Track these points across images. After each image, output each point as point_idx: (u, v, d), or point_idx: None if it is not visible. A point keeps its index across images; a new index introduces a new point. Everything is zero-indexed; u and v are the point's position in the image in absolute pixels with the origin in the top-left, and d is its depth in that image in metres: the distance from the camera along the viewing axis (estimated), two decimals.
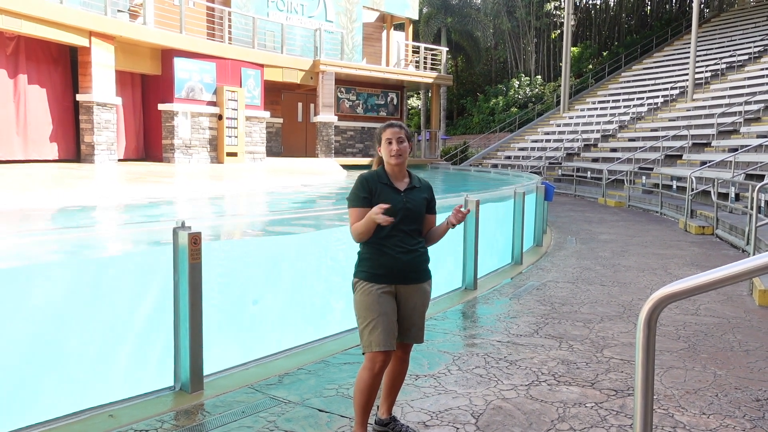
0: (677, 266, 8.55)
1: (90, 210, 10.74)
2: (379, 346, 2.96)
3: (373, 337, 2.97)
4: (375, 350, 2.97)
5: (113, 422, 3.35)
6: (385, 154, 3.11)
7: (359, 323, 3.06)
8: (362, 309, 3.03)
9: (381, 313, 2.99)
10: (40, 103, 15.58)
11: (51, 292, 3.66)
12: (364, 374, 3.02)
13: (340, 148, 25.49)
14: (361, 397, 3.05)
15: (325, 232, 5.60)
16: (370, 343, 2.98)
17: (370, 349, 2.99)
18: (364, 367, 3.02)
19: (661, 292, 1.81)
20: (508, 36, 43.82)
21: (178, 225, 3.70)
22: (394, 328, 3.02)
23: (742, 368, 4.42)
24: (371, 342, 2.98)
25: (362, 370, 3.03)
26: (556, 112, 33.48)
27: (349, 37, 25.12)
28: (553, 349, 4.81)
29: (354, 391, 3.09)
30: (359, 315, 3.05)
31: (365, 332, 3.01)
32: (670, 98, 27.31)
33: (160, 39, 17.51)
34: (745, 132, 18.96)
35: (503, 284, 7.26)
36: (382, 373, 3.03)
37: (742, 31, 32.99)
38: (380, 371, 3.01)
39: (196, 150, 18.83)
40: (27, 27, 14.10)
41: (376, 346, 2.97)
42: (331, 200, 13.54)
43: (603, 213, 15.99)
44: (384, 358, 3.00)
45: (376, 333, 2.97)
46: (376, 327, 2.97)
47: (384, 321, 2.98)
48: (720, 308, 6.16)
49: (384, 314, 2.99)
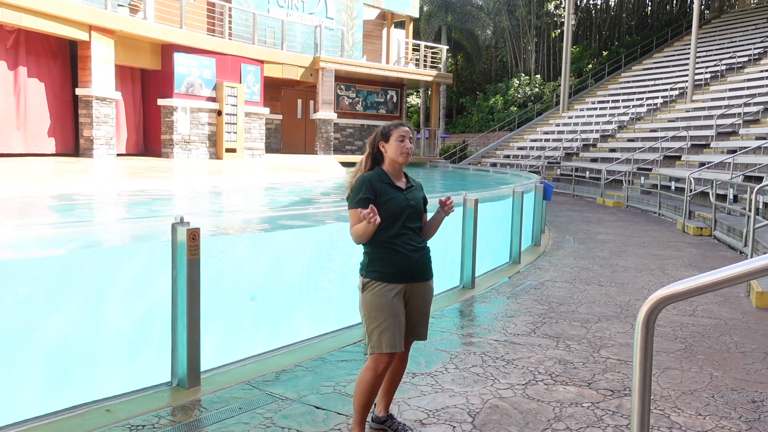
0: (675, 267, 8.56)
1: (88, 204, 10.73)
2: (388, 348, 2.96)
3: (384, 339, 2.97)
4: (384, 352, 2.97)
5: (110, 417, 3.35)
6: (394, 151, 3.10)
7: (369, 323, 3.03)
8: (373, 309, 3.01)
9: (392, 314, 2.98)
10: (39, 97, 15.56)
11: (47, 286, 3.65)
12: (367, 374, 3.01)
13: (339, 145, 25.48)
14: (363, 397, 3.05)
15: (323, 228, 5.59)
16: (380, 344, 2.97)
17: (379, 350, 2.97)
18: (368, 368, 3.02)
19: (660, 293, 1.81)
20: (509, 35, 43.80)
21: (176, 221, 3.70)
22: (402, 330, 3.03)
23: (739, 370, 4.43)
24: (381, 343, 2.97)
25: (366, 370, 3.03)
26: (555, 112, 33.48)
27: (350, 34, 25.09)
28: (550, 348, 4.81)
29: (355, 390, 3.09)
30: (369, 315, 3.02)
31: (375, 333, 2.99)
32: (669, 99, 27.32)
33: (160, 34, 17.48)
34: (744, 134, 18.98)
35: (501, 283, 7.27)
36: (385, 374, 3.04)
37: (742, 32, 33.01)
38: (384, 372, 3.02)
39: (195, 145, 18.81)
40: (27, 20, 14.07)
41: (386, 348, 2.96)
42: (329, 197, 13.53)
43: (601, 213, 16.00)
44: (389, 360, 3.00)
45: (387, 335, 2.96)
46: (387, 329, 2.97)
47: (394, 323, 2.98)
48: (717, 310, 6.17)
49: (395, 316, 2.99)
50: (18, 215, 9.11)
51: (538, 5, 42.65)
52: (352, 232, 3.04)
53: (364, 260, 3.11)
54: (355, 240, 3.07)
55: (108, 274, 3.93)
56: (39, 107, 15.57)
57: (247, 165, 18.98)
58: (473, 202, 6.67)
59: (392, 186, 3.09)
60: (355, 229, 3.02)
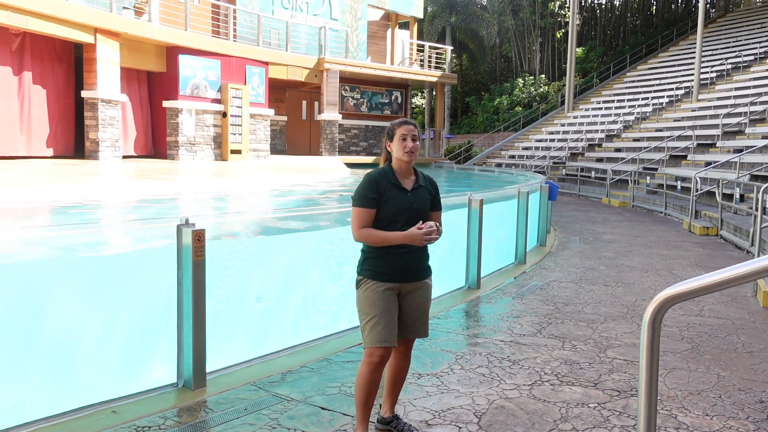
0: (681, 267, 8.52)
1: (94, 206, 10.76)
2: (380, 342, 3.01)
3: (375, 333, 3.02)
4: (375, 346, 3.01)
5: (116, 418, 3.35)
6: (398, 150, 3.09)
7: (361, 319, 3.09)
8: (365, 305, 3.06)
9: (383, 309, 3.02)
10: (43, 100, 15.60)
11: (53, 288, 3.66)
12: (362, 369, 3.06)
13: (344, 146, 25.49)
14: (361, 393, 3.07)
15: (329, 230, 5.59)
16: (371, 338, 3.03)
17: (370, 345, 3.03)
18: (363, 362, 3.07)
19: (666, 292, 1.80)
20: (513, 35, 43.76)
21: (182, 222, 3.70)
22: (394, 325, 3.06)
23: (746, 370, 4.40)
24: (372, 338, 3.02)
25: (361, 365, 3.08)
26: (560, 112, 33.42)
27: (354, 35, 25.10)
28: (556, 349, 4.80)
29: (354, 388, 3.12)
30: (362, 311, 3.09)
31: (366, 328, 3.05)
32: (675, 98, 27.23)
33: (165, 36, 17.52)
34: (750, 133, 18.90)
35: (506, 284, 7.26)
36: (381, 368, 3.05)
37: (748, 31, 32.88)
38: (379, 366, 3.03)
39: (200, 147, 18.84)
40: (32, 23, 14.12)
41: (377, 342, 3.01)
42: (335, 198, 13.54)
43: (607, 213, 15.96)
44: (383, 353, 3.03)
45: (378, 329, 3.01)
46: (378, 323, 3.01)
47: (385, 318, 3.02)
48: (724, 309, 6.15)
49: (386, 311, 3.03)
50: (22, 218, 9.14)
51: (543, 5, 42.60)
52: (362, 234, 3.04)
53: (360, 258, 3.15)
54: (360, 240, 3.07)
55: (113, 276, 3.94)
56: (43, 110, 15.61)
57: (253, 166, 19.00)
58: (478, 203, 6.66)
59: (397, 186, 3.08)
60: (367, 233, 3.02)
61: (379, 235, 3.00)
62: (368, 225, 3.04)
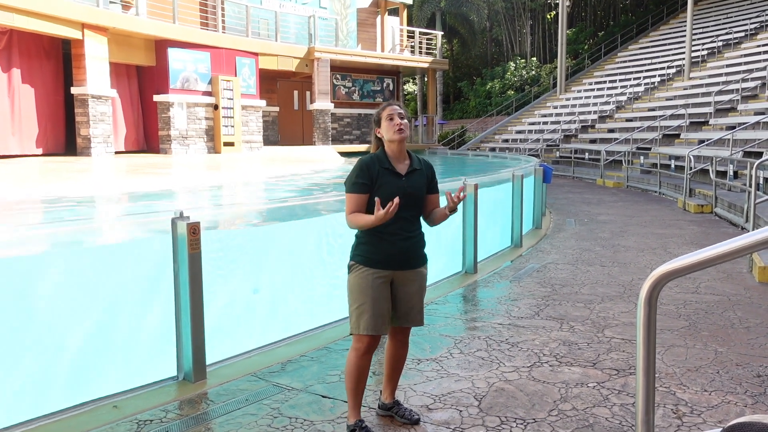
0: (677, 245, 8.55)
1: (88, 202, 10.72)
2: (367, 330, 2.99)
3: (362, 321, 3.00)
4: (362, 333, 3.00)
5: (117, 413, 3.36)
6: (388, 131, 3.05)
7: (350, 304, 3.07)
8: (355, 291, 3.04)
9: (372, 298, 2.99)
10: (32, 97, 15.50)
11: (51, 282, 3.65)
12: (350, 355, 3.07)
13: (337, 135, 25.43)
14: (350, 380, 3.07)
15: (325, 218, 5.58)
16: (359, 325, 3.01)
17: (357, 332, 3.02)
18: (351, 348, 3.07)
19: (661, 269, 1.80)
20: (504, 18, 43.56)
21: (176, 215, 3.69)
22: (384, 313, 3.03)
23: (743, 345, 4.43)
24: (359, 325, 3.01)
25: (350, 352, 3.08)
26: (552, 94, 33.36)
27: (344, 23, 24.97)
28: (554, 330, 4.82)
29: (345, 376, 3.12)
30: (351, 296, 3.06)
31: (354, 314, 3.03)
32: (666, 77, 27.21)
33: (153, 30, 17.41)
34: (743, 109, 18.91)
35: (503, 267, 7.27)
36: (368, 354, 3.05)
37: (738, 7, 32.78)
38: (366, 353, 3.03)
39: (192, 140, 18.77)
40: (19, 20, 13.99)
41: (364, 329, 3.00)
42: (329, 187, 13.52)
43: (602, 194, 15.99)
44: (370, 341, 3.02)
45: (366, 317, 2.99)
46: (366, 311, 2.99)
47: (375, 306, 2.99)
48: (720, 286, 6.18)
49: (375, 299, 3.00)
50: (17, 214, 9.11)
51: None
52: (351, 220, 3.02)
53: (354, 243, 3.12)
54: (352, 227, 3.06)
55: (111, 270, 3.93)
56: (33, 108, 15.51)
57: (246, 158, 18.95)
58: (473, 187, 6.66)
59: (390, 171, 3.04)
60: (355, 220, 3.00)
61: (360, 218, 2.97)
62: (359, 210, 3.00)
